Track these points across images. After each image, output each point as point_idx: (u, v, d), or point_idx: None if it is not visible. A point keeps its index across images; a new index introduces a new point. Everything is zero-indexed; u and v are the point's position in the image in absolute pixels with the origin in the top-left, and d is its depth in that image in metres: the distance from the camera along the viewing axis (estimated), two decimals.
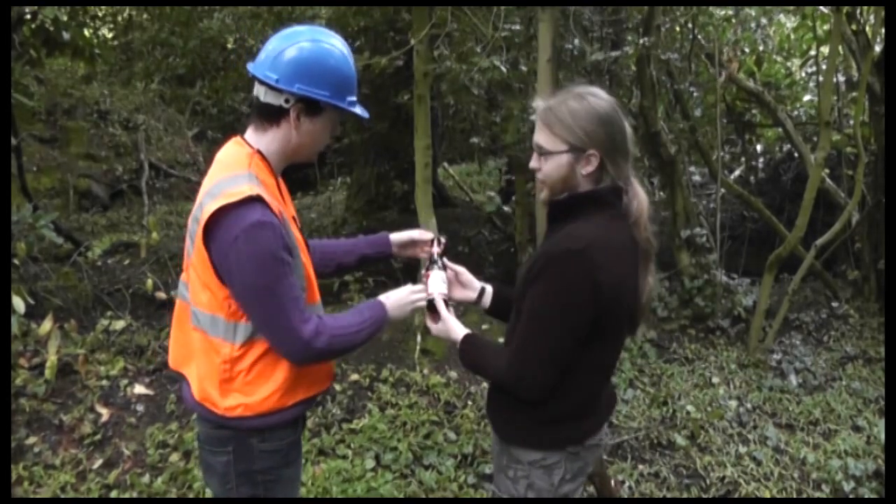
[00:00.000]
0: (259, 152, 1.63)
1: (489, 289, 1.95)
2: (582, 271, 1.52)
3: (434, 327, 1.80)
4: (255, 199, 1.50)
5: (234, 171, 1.57)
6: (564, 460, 1.70)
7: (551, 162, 1.61)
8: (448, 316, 1.78)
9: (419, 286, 1.81)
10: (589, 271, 1.52)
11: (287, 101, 1.58)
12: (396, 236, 2.00)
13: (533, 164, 1.66)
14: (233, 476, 1.69)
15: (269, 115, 1.61)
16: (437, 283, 1.81)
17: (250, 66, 1.62)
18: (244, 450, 1.67)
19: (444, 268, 1.87)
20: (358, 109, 1.68)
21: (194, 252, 1.59)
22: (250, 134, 1.66)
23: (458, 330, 1.76)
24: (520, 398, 1.64)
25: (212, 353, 1.62)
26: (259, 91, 1.60)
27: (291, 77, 1.56)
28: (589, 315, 1.55)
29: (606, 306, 1.55)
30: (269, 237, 1.49)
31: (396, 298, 1.76)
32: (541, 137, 1.62)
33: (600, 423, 1.77)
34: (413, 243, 1.99)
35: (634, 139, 1.67)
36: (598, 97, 1.60)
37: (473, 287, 1.94)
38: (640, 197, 1.64)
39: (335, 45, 1.62)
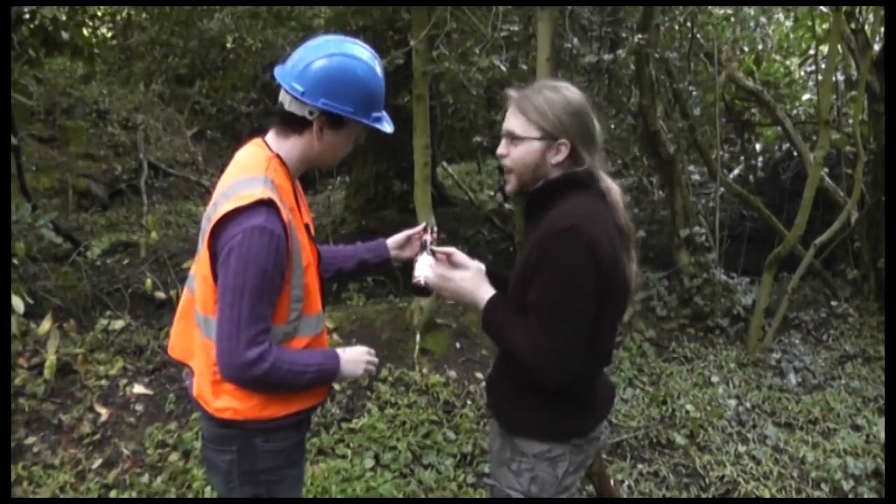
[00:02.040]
0: (278, 156, 1.63)
1: (482, 267, 1.95)
2: (580, 249, 1.51)
3: (441, 285, 1.75)
4: (265, 203, 1.50)
5: (251, 174, 1.57)
6: (569, 453, 1.71)
7: (522, 148, 1.63)
8: (452, 274, 1.75)
9: (372, 351, 1.79)
10: (587, 246, 1.51)
11: (311, 113, 1.57)
12: (392, 239, 2.00)
13: (501, 150, 1.68)
14: (236, 475, 1.70)
15: (293, 124, 1.61)
16: (423, 267, 1.83)
17: (277, 73, 1.61)
18: (248, 449, 1.67)
19: (433, 254, 1.88)
20: (383, 125, 1.67)
21: (201, 250, 1.60)
22: (272, 138, 1.66)
23: (485, 291, 1.70)
24: (546, 386, 1.60)
25: (205, 351, 1.62)
26: (284, 99, 1.60)
27: (317, 91, 1.55)
28: (592, 287, 1.52)
29: (605, 284, 1.55)
30: (264, 244, 1.48)
31: (352, 354, 1.73)
32: (513, 123, 1.65)
33: (601, 415, 1.79)
34: (409, 240, 2.00)
35: (604, 133, 1.70)
36: (571, 90, 1.66)
37: (466, 266, 1.93)
38: (612, 186, 1.68)
39: (363, 59, 1.60)
